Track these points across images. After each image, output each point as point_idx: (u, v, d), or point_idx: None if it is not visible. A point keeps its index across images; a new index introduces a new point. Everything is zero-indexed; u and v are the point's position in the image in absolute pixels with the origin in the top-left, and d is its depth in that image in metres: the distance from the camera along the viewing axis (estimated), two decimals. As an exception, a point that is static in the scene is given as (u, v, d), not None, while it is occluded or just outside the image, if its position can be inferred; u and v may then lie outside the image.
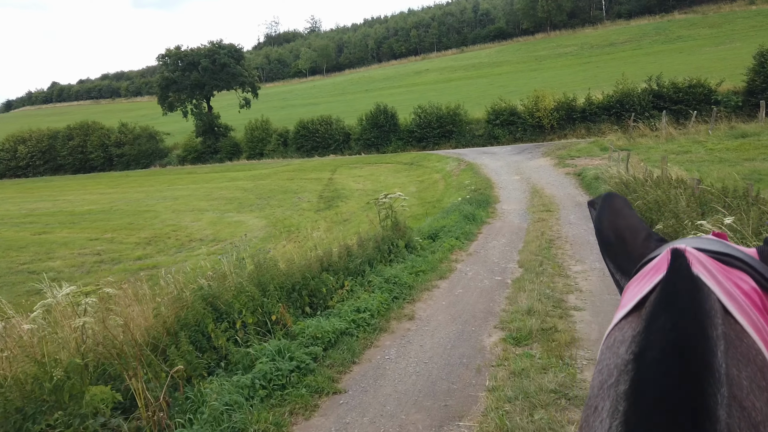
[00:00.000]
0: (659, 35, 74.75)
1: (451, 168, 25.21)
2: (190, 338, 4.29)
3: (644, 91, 30.21)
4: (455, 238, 10.05)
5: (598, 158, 22.45)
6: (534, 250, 8.94)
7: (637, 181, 10.97)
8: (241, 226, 19.65)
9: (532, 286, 6.73)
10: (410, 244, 9.09)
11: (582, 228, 10.85)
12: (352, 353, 5.16)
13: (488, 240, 10.35)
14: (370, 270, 7.29)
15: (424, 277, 7.61)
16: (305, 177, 29.72)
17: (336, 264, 7.06)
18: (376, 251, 7.93)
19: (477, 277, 7.69)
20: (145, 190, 32.21)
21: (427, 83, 77.16)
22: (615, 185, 12.54)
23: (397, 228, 9.24)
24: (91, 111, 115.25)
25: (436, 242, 9.88)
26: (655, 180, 10.20)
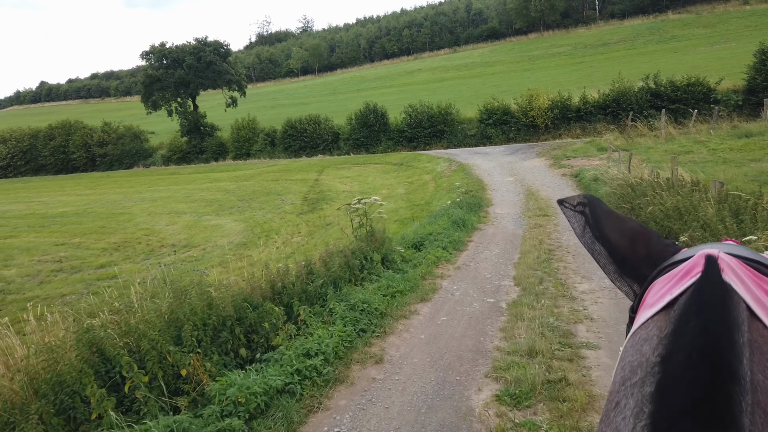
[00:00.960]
0: (653, 35, 74.09)
1: (442, 169, 24.12)
2: (60, 405, 3.11)
3: (641, 89, 29.26)
4: (442, 248, 8.93)
5: (596, 158, 21.43)
6: (532, 262, 7.83)
7: (644, 184, 9.88)
8: (217, 230, 18.46)
9: (532, 312, 5.60)
10: (388, 257, 7.94)
11: (584, 235, 9.78)
12: (287, 424, 3.83)
13: (480, 250, 9.23)
14: (335, 293, 6.09)
15: (401, 299, 6.45)
16: (290, 178, 28.54)
17: (291, 288, 5.84)
18: (344, 269, 6.73)
19: (465, 298, 6.56)
20: (124, 192, 30.91)
21: (419, 83, 76.18)
22: (619, 187, 11.46)
23: (373, 239, 8.08)
24: (79, 110, 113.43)
25: (421, 252, 8.76)
26: (667, 182, 9.12)
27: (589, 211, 0.95)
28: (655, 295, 0.76)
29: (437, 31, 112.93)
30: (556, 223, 11.22)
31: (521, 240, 9.72)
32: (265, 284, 5.60)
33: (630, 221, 0.92)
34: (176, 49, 44.51)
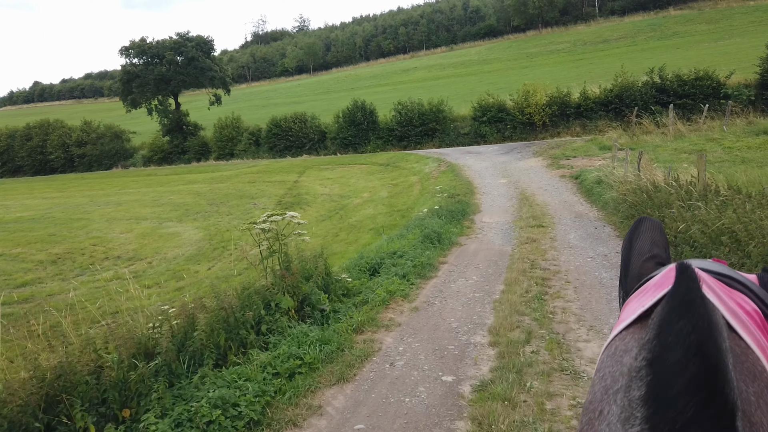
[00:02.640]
0: (654, 31, 72.19)
1: (431, 169, 22.09)
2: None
3: (645, 84, 27.24)
4: (401, 277, 6.90)
5: (598, 158, 19.41)
6: (518, 301, 5.79)
7: (664, 190, 7.84)
8: (173, 239, 16.42)
9: (512, 414, 3.46)
10: (309, 302, 5.83)
11: (588, 255, 7.74)
12: None
13: (452, 277, 7.19)
14: (170, 388, 3.65)
15: (304, 382, 4.21)
16: (269, 180, 26.50)
17: (84, 389, 3.30)
18: (219, 332, 4.52)
19: (409, 375, 4.42)
20: (93, 194, 28.85)
21: (415, 81, 74.30)
22: (629, 193, 9.43)
23: (288, 275, 5.96)
24: (71, 111, 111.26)
25: (374, 280, 6.70)
26: (695, 188, 7.10)
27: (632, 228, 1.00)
28: (628, 310, 0.79)
29: (434, 29, 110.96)
30: (553, 236, 9.19)
31: (508, 261, 7.69)
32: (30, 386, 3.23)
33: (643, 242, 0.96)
34: (156, 44, 42.43)
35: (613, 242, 8.48)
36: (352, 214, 16.99)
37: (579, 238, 9.00)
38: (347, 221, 15.88)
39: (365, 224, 14.94)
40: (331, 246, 13.16)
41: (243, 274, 11.66)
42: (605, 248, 8.15)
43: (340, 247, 12.88)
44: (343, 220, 16.36)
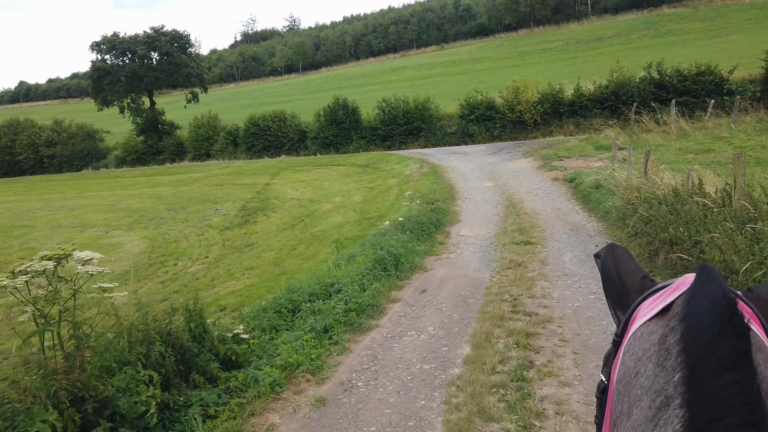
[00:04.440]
0: (648, 29, 70.64)
1: (411, 171, 20.15)
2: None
3: (643, 80, 25.42)
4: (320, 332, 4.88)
5: (593, 159, 17.54)
6: (486, 384, 3.76)
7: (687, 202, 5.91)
8: (111, 252, 14.37)
9: None
10: (114, 408, 3.56)
11: (591, 289, 5.81)
12: None
13: (399, 328, 5.23)
14: None
15: None
16: (239, 182, 24.46)
17: None
18: None
19: None
20: (50, 198, 26.72)
21: (404, 80, 72.34)
22: (639, 202, 7.49)
23: (74, 367, 3.70)
24: (56, 110, 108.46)
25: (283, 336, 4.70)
26: (738, 204, 5.17)
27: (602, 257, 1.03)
28: (645, 309, 0.82)
29: (424, 28, 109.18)
30: (543, 258, 7.25)
31: (483, 298, 5.76)
32: None
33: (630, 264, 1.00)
34: (129, 39, 40.23)
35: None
36: (317, 222, 15.01)
37: (577, 260, 7.07)
38: (310, 231, 13.90)
39: (329, 235, 12.97)
40: (284, 262, 11.19)
41: (169, 299, 9.68)
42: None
43: (293, 264, 10.91)
44: (306, 229, 14.38)
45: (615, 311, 0.99)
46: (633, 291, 0.95)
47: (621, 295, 0.96)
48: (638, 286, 0.96)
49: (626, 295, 0.95)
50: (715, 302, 0.65)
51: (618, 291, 0.97)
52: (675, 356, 0.64)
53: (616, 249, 1.04)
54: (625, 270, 1.00)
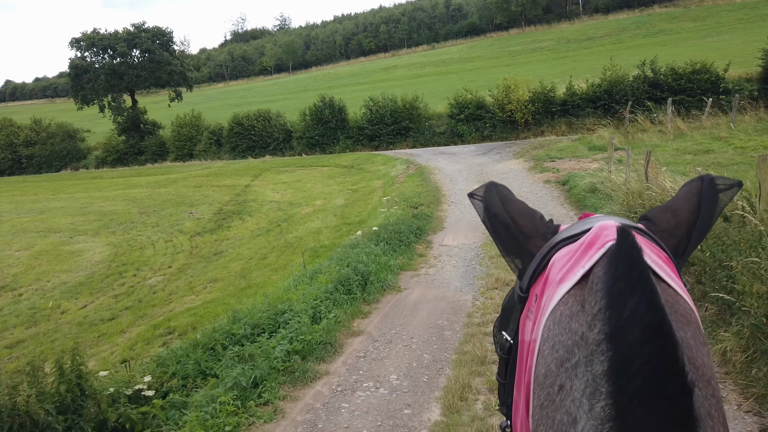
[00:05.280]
0: (640, 29, 70.16)
1: (397, 173, 19.22)
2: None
3: (637, 78, 24.64)
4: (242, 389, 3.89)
5: (587, 159, 16.69)
6: None
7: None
8: (70, 260, 13.33)
9: None
10: None
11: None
12: None
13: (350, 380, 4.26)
14: None
15: None
16: (218, 183, 23.43)
17: None
18: None
19: None
20: (21, 200, 25.55)
21: (395, 80, 71.36)
22: (643, 209, 6.60)
23: None
24: (43, 110, 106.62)
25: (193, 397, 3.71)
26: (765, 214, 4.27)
27: (483, 197, 0.94)
28: (560, 270, 0.75)
29: (415, 27, 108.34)
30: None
31: (462, 330, 4.81)
32: None
33: (520, 203, 0.93)
34: (109, 36, 39.00)
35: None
36: (294, 228, 14.05)
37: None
38: (284, 238, 12.92)
39: (304, 242, 12.01)
40: (252, 274, 10.22)
41: (119, 317, 8.68)
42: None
43: (261, 275, 9.93)
44: (282, 235, 13.40)
45: (512, 259, 0.89)
46: (534, 235, 0.87)
47: (519, 242, 0.87)
48: (539, 228, 0.88)
49: (526, 241, 0.87)
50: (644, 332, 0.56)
51: (514, 236, 0.88)
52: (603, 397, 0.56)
53: (499, 187, 0.95)
54: (518, 211, 0.91)
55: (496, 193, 0.94)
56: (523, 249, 0.87)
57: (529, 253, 0.86)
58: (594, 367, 0.59)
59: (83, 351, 7.52)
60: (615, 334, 0.58)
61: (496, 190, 0.95)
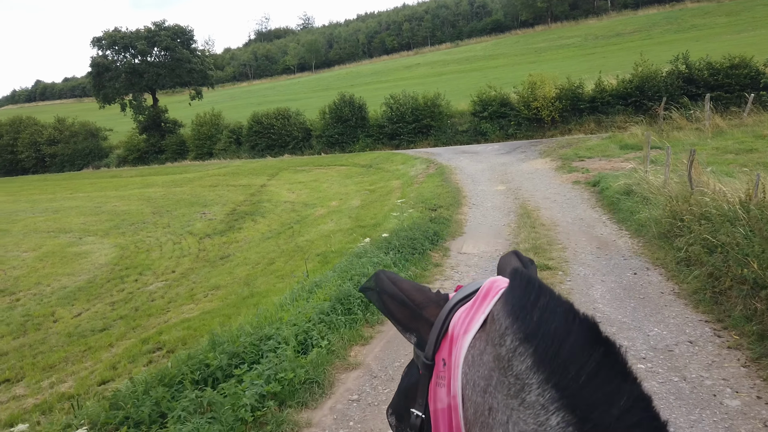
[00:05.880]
0: (670, 24, 68.07)
1: (417, 172, 18.43)
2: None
3: (671, 74, 23.40)
4: None
5: (618, 159, 15.68)
6: None
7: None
8: (74, 263, 12.85)
9: None
10: None
11: (639, 345, 4.05)
12: None
13: None
14: None
15: None
16: (234, 183, 22.91)
17: None
18: None
19: None
20: (39, 199, 25.43)
21: (417, 77, 70.49)
22: (696, 219, 5.68)
23: None
24: (71, 109, 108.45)
25: None
26: None
27: (375, 284, 0.96)
28: (462, 325, 0.78)
29: (439, 25, 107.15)
30: (567, 292, 5.48)
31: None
32: None
33: (408, 282, 0.95)
34: (129, 34, 38.93)
35: (676, 311, 4.80)
36: (306, 230, 13.35)
37: (612, 298, 5.32)
38: (295, 241, 12.23)
39: (315, 246, 11.30)
40: (256, 281, 9.54)
41: (111, 328, 8.07)
42: (668, 330, 4.49)
43: (266, 282, 9.24)
44: (293, 238, 12.72)
45: (411, 333, 0.91)
46: (428, 305, 0.90)
47: (414, 314, 0.90)
48: (432, 298, 0.91)
49: (422, 310, 0.89)
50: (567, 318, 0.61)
51: (411, 310, 0.90)
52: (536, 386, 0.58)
53: (387, 273, 0.98)
54: (409, 288, 0.94)
55: (386, 277, 0.95)
56: (421, 319, 0.88)
57: (427, 321, 0.87)
58: (514, 369, 0.61)
59: (63, 368, 6.92)
60: (529, 334, 0.61)
61: (385, 275, 0.96)
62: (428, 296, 0.92)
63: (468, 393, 0.72)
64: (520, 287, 0.69)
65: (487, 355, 0.69)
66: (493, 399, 0.65)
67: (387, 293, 0.93)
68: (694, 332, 4.53)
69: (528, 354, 0.60)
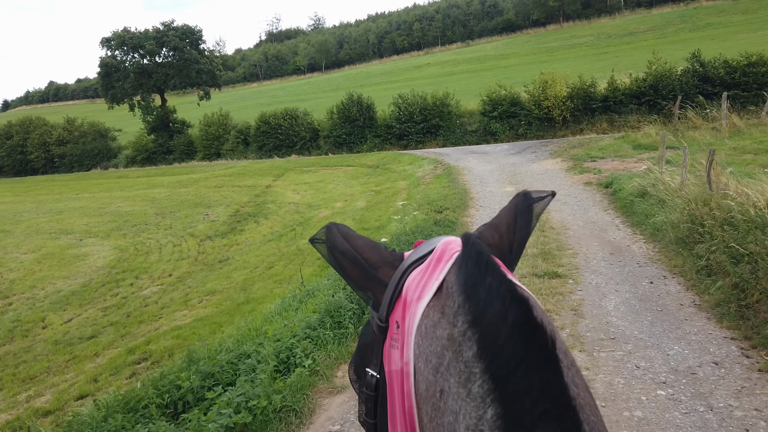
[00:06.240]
0: (685, 23, 67.07)
1: (424, 173, 18.02)
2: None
3: (686, 72, 22.78)
4: None
5: (631, 159, 15.17)
6: None
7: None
8: (71, 265, 12.59)
9: None
10: None
11: (657, 366, 3.63)
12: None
13: None
14: None
15: None
16: (239, 184, 22.63)
17: None
18: None
19: None
20: (44, 200, 25.32)
21: (427, 77, 70.03)
22: (718, 224, 5.24)
23: None
24: (83, 109, 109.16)
25: None
26: None
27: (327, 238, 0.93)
28: (416, 289, 0.76)
29: (449, 25, 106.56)
30: (576, 305, 5.08)
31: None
32: None
33: (362, 239, 0.92)
34: (138, 34, 38.85)
35: (697, 326, 4.36)
36: (309, 233, 12.97)
37: (627, 310, 4.89)
38: (296, 244, 11.88)
39: (316, 250, 10.92)
40: (254, 286, 9.19)
41: (100, 335, 7.75)
42: (690, 348, 4.05)
43: (263, 288, 8.88)
44: (295, 240, 12.36)
45: (365, 292, 0.89)
46: (382, 265, 0.88)
47: (368, 273, 0.87)
48: (386, 257, 0.89)
49: (375, 270, 0.87)
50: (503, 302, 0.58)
51: (364, 269, 0.88)
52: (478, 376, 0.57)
53: (339, 227, 0.95)
54: (362, 245, 0.91)
55: (338, 231, 0.93)
56: (374, 280, 0.87)
57: (381, 282, 0.86)
58: (464, 355, 0.59)
59: (44, 380, 6.60)
60: (477, 317, 0.59)
61: (337, 229, 0.94)
62: (383, 255, 0.89)
63: (420, 366, 0.69)
64: (471, 259, 0.65)
65: (440, 330, 0.67)
66: (444, 381, 0.63)
67: (339, 250, 0.89)
68: (719, 351, 4.09)
69: (474, 340, 0.58)
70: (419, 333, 0.71)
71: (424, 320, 0.71)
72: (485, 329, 0.58)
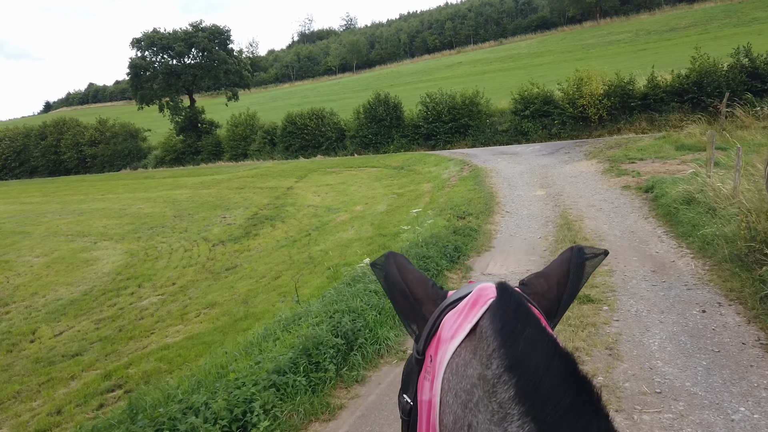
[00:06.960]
0: (729, 18, 64.23)
1: (449, 175, 17.15)
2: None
3: (733, 67, 21.29)
4: None
5: (674, 161, 14.00)
6: None
7: None
8: (79, 270, 12.17)
9: None
10: None
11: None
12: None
13: None
14: None
15: None
16: (261, 185, 22.13)
17: None
18: None
19: None
20: (69, 200, 25.33)
21: (458, 77, 68.84)
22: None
23: None
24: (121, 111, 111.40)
25: None
26: None
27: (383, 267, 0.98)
28: (450, 329, 0.79)
29: (482, 23, 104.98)
30: (611, 341, 4.22)
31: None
32: None
33: (415, 272, 0.96)
34: (168, 35, 38.92)
35: (767, 375, 3.45)
36: (324, 238, 12.29)
37: (676, 350, 3.99)
38: (309, 251, 11.17)
39: (330, 257, 10.21)
40: (256, 298, 8.51)
41: (85, 353, 7.16)
42: (760, 410, 3.15)
43: (265, 302, 8.19)
44: (308, 247, 11.66)
45: (409, 324, 0.94)
46: (426, 301, 0.92)
47: (414, 308, 0.92)
48: (431, 295, 0.93)
49: (420, 307, 0.92)
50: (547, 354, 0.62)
51: (410, 303, 0.92)
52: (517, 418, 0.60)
53: (396, 256, 0.99)
54: (413, 279, 0.95)
55: (394, 261, 0.96)
56: (419, 314, 0.91)
57: (423, 318, 0.90)
58: (499, 397, 0.62)
59: (8, 407, 6.02)
60: (515, 364, 0.62)
61: (394, 258, 0.97)
62: (428, 292, 0.92)
63: (448, 400, 0.73)
64: (509, 309, 0.69)
65: (471, 369, 0.70)
66: (473, 417, 0.66)
67: (391, 280, 0.94)
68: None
69: (512, 384, 0.61)
70: (449, 369, 0.74)
71: (455, 359, 0.74)
72: (526, 376, 0.60)
